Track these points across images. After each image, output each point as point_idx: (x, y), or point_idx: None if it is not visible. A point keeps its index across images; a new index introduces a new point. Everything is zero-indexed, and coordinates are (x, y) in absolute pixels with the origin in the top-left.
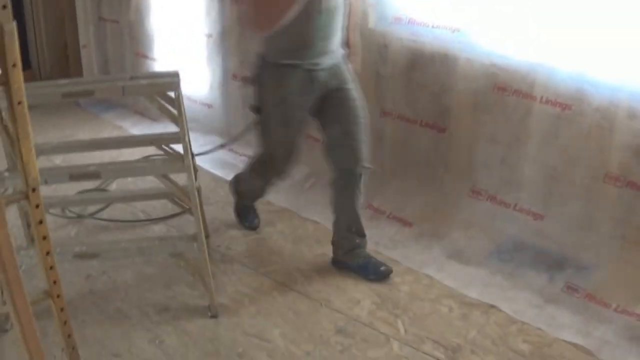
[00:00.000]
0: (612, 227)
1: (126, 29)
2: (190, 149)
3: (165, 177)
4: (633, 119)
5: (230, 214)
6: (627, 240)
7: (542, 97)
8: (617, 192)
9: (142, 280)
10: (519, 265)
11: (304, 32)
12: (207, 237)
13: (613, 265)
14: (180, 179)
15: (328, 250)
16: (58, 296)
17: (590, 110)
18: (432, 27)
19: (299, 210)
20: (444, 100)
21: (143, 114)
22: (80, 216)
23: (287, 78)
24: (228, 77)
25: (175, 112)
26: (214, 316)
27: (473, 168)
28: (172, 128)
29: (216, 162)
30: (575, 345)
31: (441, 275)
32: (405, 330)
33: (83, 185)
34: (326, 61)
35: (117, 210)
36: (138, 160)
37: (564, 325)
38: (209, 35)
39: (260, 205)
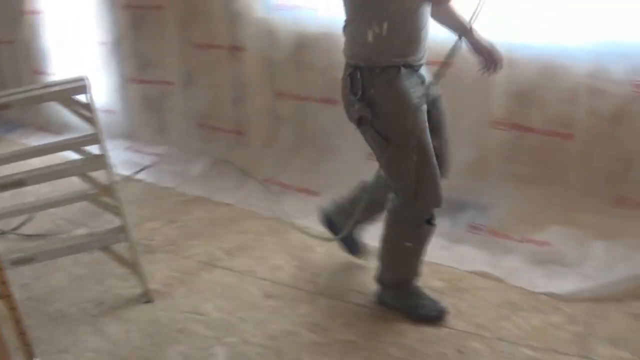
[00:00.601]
0: (503, 167)
1: (21, 48)
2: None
3: (85, 177)
4: (511, 67)
5: (145, 208)
6: (518, 177)
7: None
8: (503, 135)
9: (75, 280)
10: None
11: (418, 22)
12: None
13: (509, 201)
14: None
15: (245, 228)
16: (8, 296)
17: (471, 64)
18: (313, 10)
19: (212, 195)
20: (333, 74)
21: (47, 130)
22: (3, 232)
23: (405, 81)
24: (126, 82)
25: (88, 114)
26: (149, 301)
27: None
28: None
29: (122, 162)
30: (485, 275)
31: None
32: (329, 286)
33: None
34: (423, 60)
35: (39, 222)
36: (60, 164)
37: (472, 260)
38: (104, 43)
39: (173, 197)
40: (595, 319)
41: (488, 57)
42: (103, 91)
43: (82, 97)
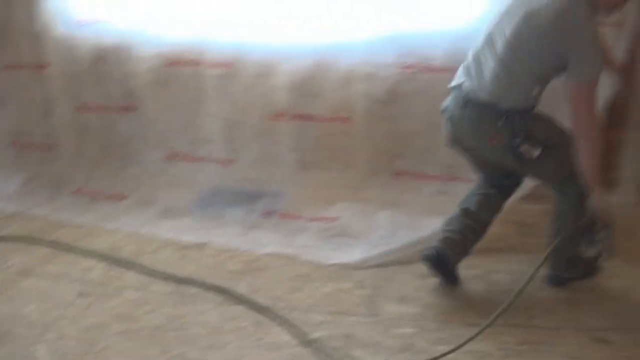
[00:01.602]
0: (289, 156)
1: None
2: None
3: None
4: (285, 63)
5: None
6: (303, 163)
7: (209, 62)
8: (286, 126)
9: None
10: (220, 207)
11: None
12: None
13: (299, 187)
14: None
15: (59, 236)
16: None
17: (249, 63)
18: (109, 22)
19: (27, 210)
20: (129, 83)
21: None
22: None
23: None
24: None
25: None
26: None
27: (165, 136)
28: None
29: None
30: (279, 255)
31: (157, 231)
32: (134, 280)
33: None
34: None
35: None
36: None
37: (267, 243)
38: None
39: None
40: (382, 282)
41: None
42: None
43: None
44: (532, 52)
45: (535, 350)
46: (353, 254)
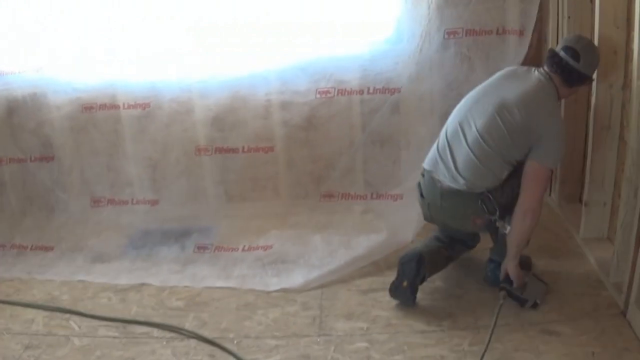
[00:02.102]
0: (215, 189)
1: None
2: None
3: None
4: (203, 98)
5: None
6: (229, 195)
7: (124, 104)
8: (210, 160)
9: None
10: (152, 247)
11: None
12: None
13: (227, 219)
14: None
15: None
16: None
17: (166, 101)
18: (19, 72)
19: None
20: (45, 132)
21: None
22: None
23: None
24: None
25: None
26: None
27: (88, 182)
28: None
29: None
30: (220, 287)
31: (92, 277)
32: (79, 327)
33: None
34: None
35: None
36: None
37: (205, 276)
38: None
39: None
40: (327, 302)
41: None
42: None
43: None
44: (505, 144)
45: (488, 349)
46: (294, 279)
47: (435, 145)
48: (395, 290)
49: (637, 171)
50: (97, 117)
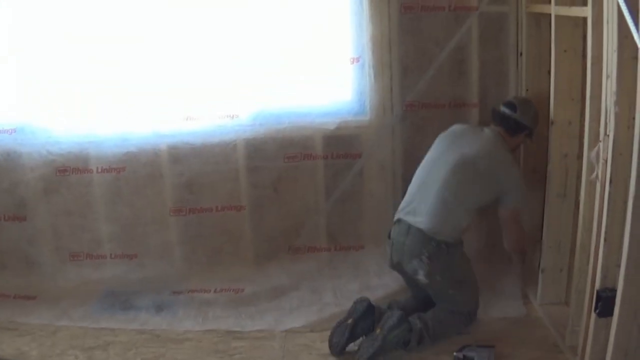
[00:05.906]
0: (191, 249)
1: None
2: None
3: None
4: (175, 163)
5: None
6: (203, 253)
7: (97, 168)
8: (185, 220)
9: None
10: (125, 298)
11: None
12: None
13: (200, 276)
14: None
15: None
16: None
17: (140, 166)
18: None
19: None
20: (18, 193)
21: None
22: None
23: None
24: None
25: None
26: None
27: (59, 237)
28: None
29: None
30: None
31: (61, 335)
32: None
33: None
34: None
35: None
36: None
37: (182, 318)
38: None
39: None
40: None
41: None
42: None
43: None
44: (469, 195)
45: None
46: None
47: (405, 199)
48: (337, 326)
49: (589, 237)
50: (70, 179)
